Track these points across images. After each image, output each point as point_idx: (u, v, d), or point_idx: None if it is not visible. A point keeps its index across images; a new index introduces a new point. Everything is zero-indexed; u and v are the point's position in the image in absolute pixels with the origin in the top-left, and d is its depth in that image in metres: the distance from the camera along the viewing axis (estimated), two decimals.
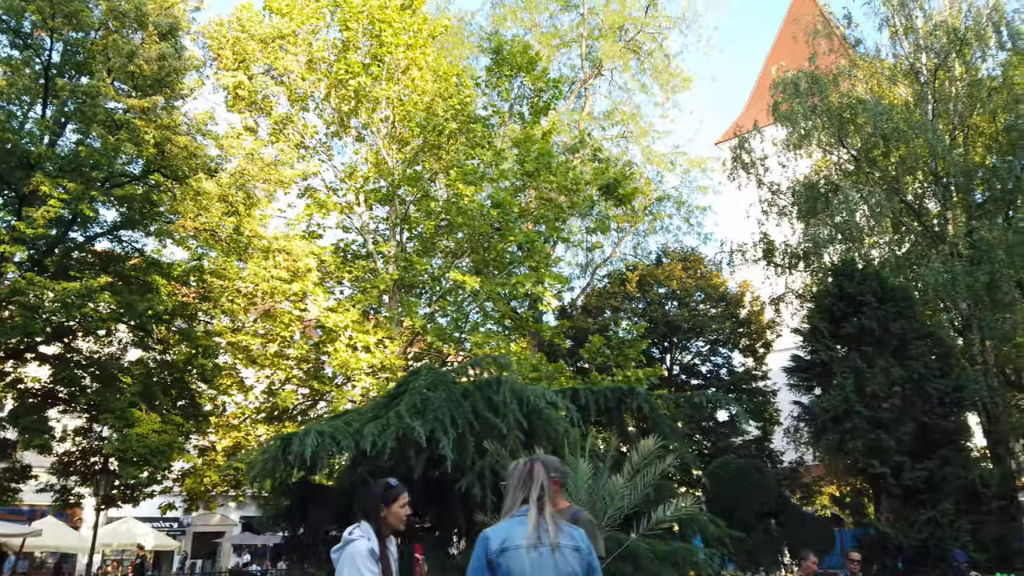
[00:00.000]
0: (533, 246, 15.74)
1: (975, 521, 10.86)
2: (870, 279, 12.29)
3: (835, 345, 12.30)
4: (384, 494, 3.45)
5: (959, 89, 17.77)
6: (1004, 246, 13.90)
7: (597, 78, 28.25)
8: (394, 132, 18.47)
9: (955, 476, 10.96)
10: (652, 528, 8.02)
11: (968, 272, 14.19)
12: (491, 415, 8.77)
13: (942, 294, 14.61)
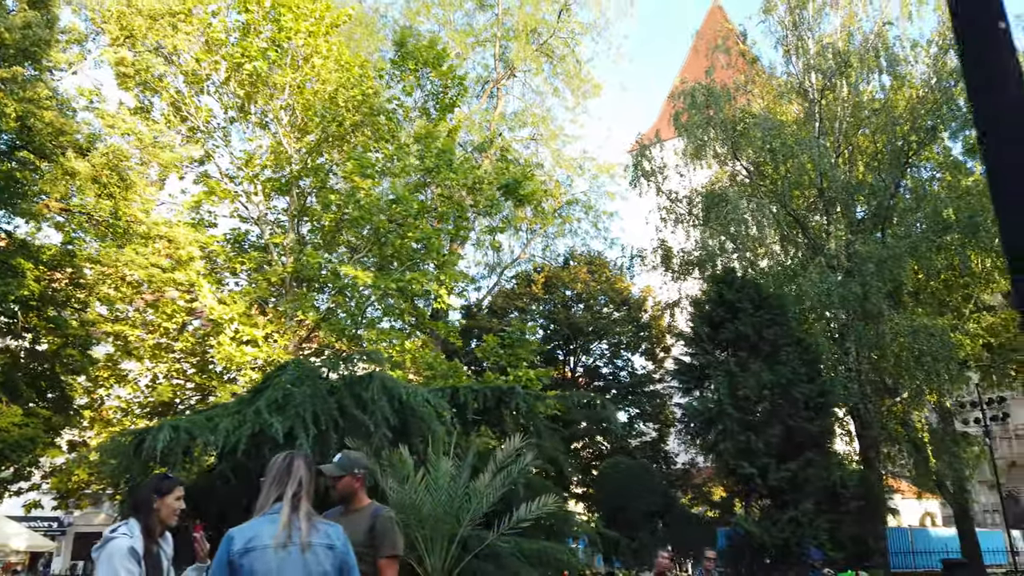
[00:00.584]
0: (430, 243, 15.57)
1: (834, 521, 11.41)
2: (748, 287, 12.75)
3: (713, 350, 12.70)
4: (158, 485, 3.26)
5: (844, 109, 18.71)
6: (875, 260, 14.71)
7: (510, 79, 28.36)
8: (294, 121, 17.95)
9: (817, 477, 11.49)
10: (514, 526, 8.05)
11: (842, 284, 14.94)
12: (359, 412, 8.61)
13: (817, 304, 15.33)
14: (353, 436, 8.33)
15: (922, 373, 15.70)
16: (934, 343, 15.05)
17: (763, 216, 17.09)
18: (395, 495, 7.52)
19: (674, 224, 20.70)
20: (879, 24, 18.16)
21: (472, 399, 10.58)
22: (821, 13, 19.22)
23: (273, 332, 16.49)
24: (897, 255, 14.72)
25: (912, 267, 16.99)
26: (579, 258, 29.28)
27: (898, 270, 14.64)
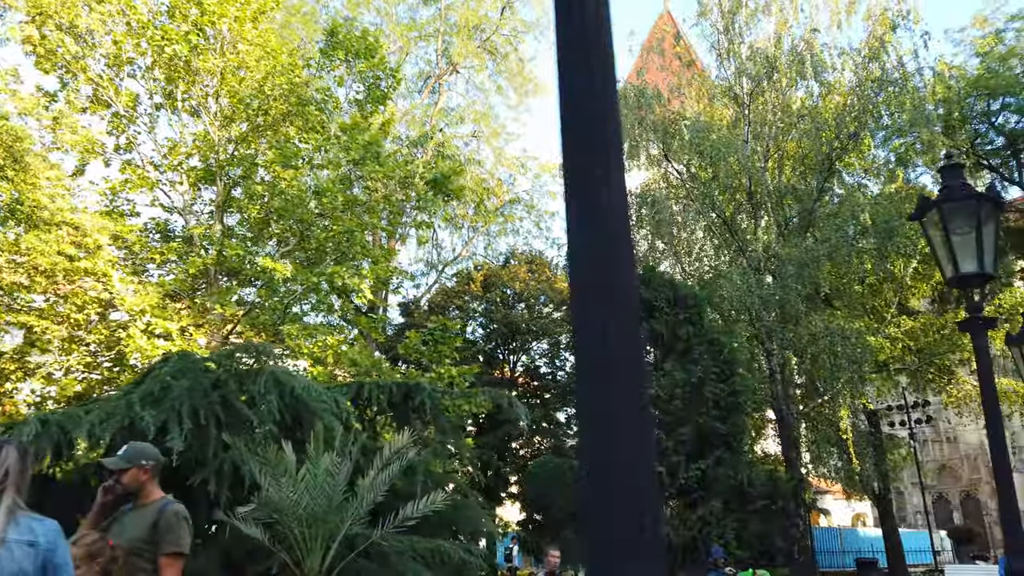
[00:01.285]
0: (354, 237, 15.25)
1: (741, 520, 11.47)
2: (665, 285, 12.77)
3: None
4: None
5: (774, 114, 18.97)
6: (794, 263, 14.93)
7: (453, 75, 28.13)
8: (220, 108, 17.43)
9: (725, 477, 11.53)
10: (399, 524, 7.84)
11: (759, 285, 15.12)
12: (244, 407, 8.30)
13: (738, 305, 15.50)
14: (235, 431, 8.03)
15: (841, 374, 15.98)
16: (849, 345, 15.33)
17: (691, 218, 17.20)
18: (272, 493, 7.26)
19: None
20: (808, 31, 18.47)
21: (378, 395, 10.35)
22: (754, 18, 19.46)
23: (190, 326, 15.98)
24: (815, 258, 14.96)
25: (834, 270, 17.27)
26: (519, 257, 29.21)
27: (816, 273, 14.88)
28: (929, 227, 4.83)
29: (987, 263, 4.61)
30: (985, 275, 4.64)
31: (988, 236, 4.67)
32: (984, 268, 4.57)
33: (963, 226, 4.65)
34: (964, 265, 4.63)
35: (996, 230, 4.76)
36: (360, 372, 16.44)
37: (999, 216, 4.82)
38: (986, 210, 4.67)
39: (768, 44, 18.80)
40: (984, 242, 4.63)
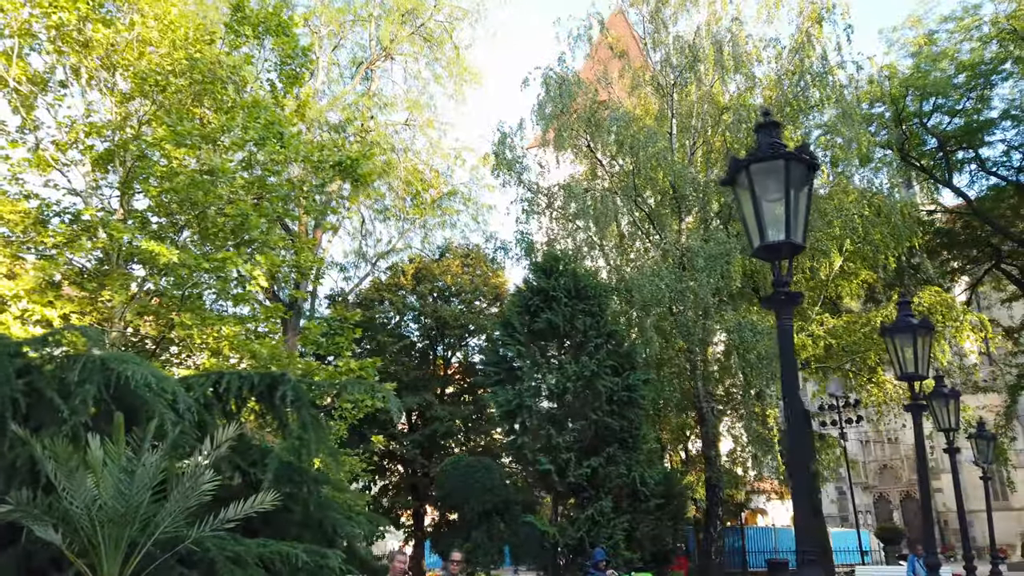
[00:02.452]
0: (250, 221, 14.39)
1: (633, 519, 10.97)
2: (565, 276, 12.21)
3: (528, 340, 12.10)
4: None
5: (701, 107, 18.58)
6: (704, 256, 14.52)
7: (388, 62, 27.28)
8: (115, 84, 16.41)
9: (617, 474, 11.01)
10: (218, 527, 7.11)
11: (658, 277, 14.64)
12: (58, 396, 7.51)
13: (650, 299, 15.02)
14: (44, 424, 7.22)
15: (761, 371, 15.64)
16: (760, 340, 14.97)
17: (616, 211, 16.73)
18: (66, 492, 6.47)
19: (536, 216, 20.16)
20: (733, 21, 18.12)
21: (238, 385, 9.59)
22: (683, 7, 19.06)
23: (74, 313, 14.97)
24: (726, 251, 14.57)
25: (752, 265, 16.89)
26: (455, 251, 28.52)
27: (726, 266, 14.49)
28: (739, 192, 4.28)
29: (795, 231, 4.08)
30: (793, 245, 4.10)
31: (798, 202, 4.14)
32: (791, 236, 4.04)
33: (772, 190, 4.11)
34: (770, 233, 4.09)
35: (809, 195, 4.23)
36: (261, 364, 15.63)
37: (812, 180, 4.29)
38: (797, 172, 4.13)
39: (696, 35, 18.40)
40: (793, 208, 4.09)
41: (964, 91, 24.17)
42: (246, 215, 14.41)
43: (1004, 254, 25.23)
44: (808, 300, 20.59)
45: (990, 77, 23.95)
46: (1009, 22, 22.63)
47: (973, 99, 24.61)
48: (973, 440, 15.48)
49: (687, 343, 16.53)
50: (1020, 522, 45.31)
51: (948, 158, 25.30)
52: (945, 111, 25.13)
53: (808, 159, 4.17)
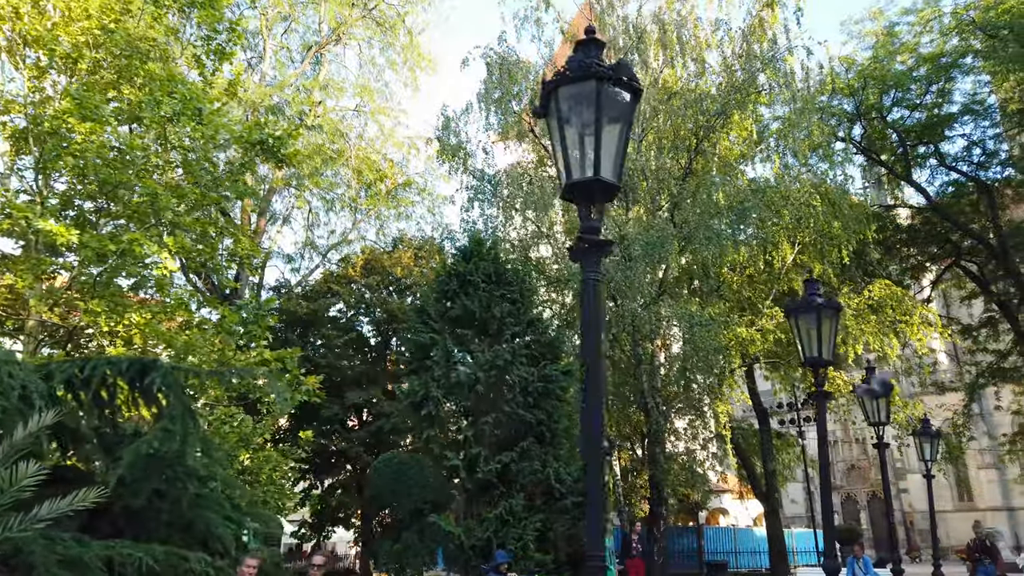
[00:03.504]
0: (160, 201, 13.51)
1: (546, 519, 10.25)
2: (485, 259, 11.47)
3: (443, 327, 11.35)
4: None
5: (647, 91, 17.93)
6: (641, 243, 13.88)
7: (339, 45, 26.44)
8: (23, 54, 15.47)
9: (530, 471, 10.29)
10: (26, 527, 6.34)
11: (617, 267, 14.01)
12: None
13: None
14: None
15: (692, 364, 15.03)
16: (704, 334, 14.36)
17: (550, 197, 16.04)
18: None
19: (480, 204, 19.42)
20: (684, 4, 17.51)
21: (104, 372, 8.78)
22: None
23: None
24: (664, 238, 13.93)
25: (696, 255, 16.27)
26: (408, 242, 27.71)
27: (664, 255, 13.86)
28: (549, 123, 3.57)
29: (607, 168, 3.36)
30: (604, 184, 3.39)
31: (614, 133, 3.43)
32: (602, 174, 3.32)
33: (584, 118, 3.39)
34: (579, 171, 3.38)
35: (628, 125, 3.52)
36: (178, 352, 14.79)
37: (634, 108, 3.59)
38: (612, 97, 3.42)
39: (636, 14, 17.76)
40: (606, 139, 3.38)
41: (924, 85, 23.77)
42: (155, 195, 13.53)
43: (964, 251, 24.88)
44: (760, 294, 20.07)
45: (950, 71, 23.57)
46: (969, 12, 22.24)
47: (934, 93, 24.23)
48: (917, 438, 14.97)
49: (629, 335, 15.90)
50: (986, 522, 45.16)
51: (908, 153, 24.90)
52: (906, 105, 24.73)
53: (627, 81, 3.45)
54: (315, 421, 23.99)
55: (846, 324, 16.77)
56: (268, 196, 25.22)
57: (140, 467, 8.41)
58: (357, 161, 26.46)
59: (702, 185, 15.63)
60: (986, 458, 45.30)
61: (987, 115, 24.03)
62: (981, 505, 49.66)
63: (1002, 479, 46.21)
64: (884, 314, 16.92)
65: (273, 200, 26.10)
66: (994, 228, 22.93)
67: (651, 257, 13.93)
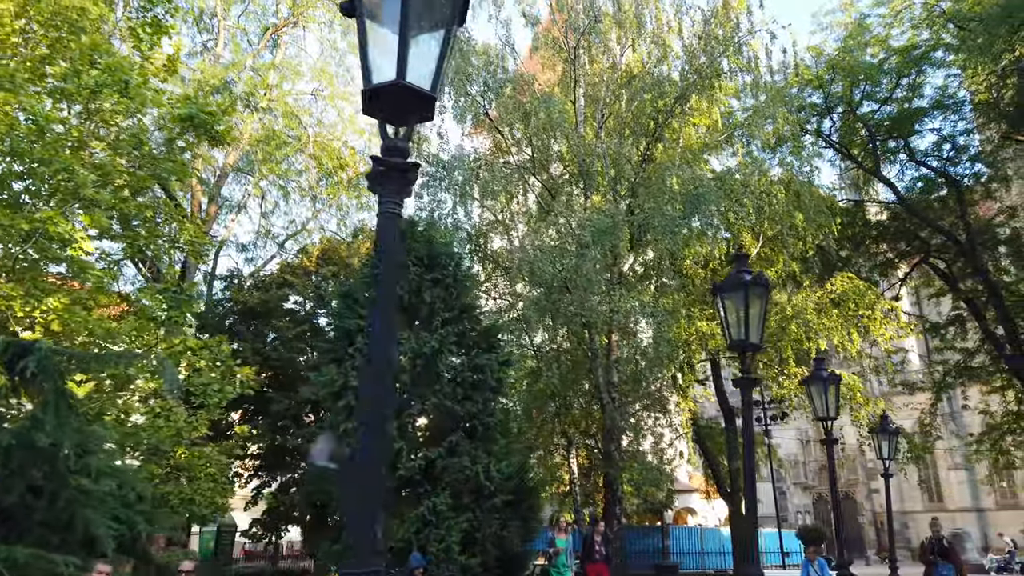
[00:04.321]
0: (72, 176, 12.61)
1: (474, 519, 9.53)
2: (419, 243, 10.73)
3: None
4: None
5: (608, 74, 17.29)
6: (592, 229, 13.21)
7: (297, 28, 25.53)
8: None
9: (458, 467, 9.56)
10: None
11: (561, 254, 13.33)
12: None
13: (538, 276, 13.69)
14: None
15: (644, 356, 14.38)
16: (656, 325, 13.70)
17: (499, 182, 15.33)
18: None
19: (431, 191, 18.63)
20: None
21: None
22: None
23: None
24: (616, 224, 13.26)
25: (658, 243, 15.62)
26: (368, 233, 26.85)
27: (615, 241, 13.18)
28: (358, 24, 2.83)
29: (420, 74, 2.64)
30: (416, 93, 2.67)
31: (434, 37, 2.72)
32: (404, 78, 2.60)
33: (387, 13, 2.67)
34: (379, 73, 2.65)
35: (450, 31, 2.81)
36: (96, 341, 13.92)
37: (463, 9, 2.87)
38: None
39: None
40: (423, 42, 2.66)
41: (895, 78, 23.33)
42: (71, 170, 12.63)
43: (932, 249, 24.46)
44: None
45: (921, 64, 23.13)
46: (940, 4, 21.81)
47: (904, 87, 23.81)
48: (875, 435, 14.42)
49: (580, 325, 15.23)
50: (955, 523, 45.12)
51: (879, 147, 24.45)
52: (876, 99, 24.29)
53: None
54: (267, 416, 23.11)
55: (808, 319, 16.21)
56: (219, 181, 24.31)
57: (13, 461, 7.61)
58: (316, 148, 25.61)
59: (658, 172, 14.97)
60: (956, 459, 45.22)
61: (957, 109, 23.65)
62: (951, 506, 49.63)
63: (971, 479, 46.17)
64: (846, 308, 16.38)
65: (225, 186, 25.18)
66: (963, 225, 22.53)
67: (602, 244, 13.24)
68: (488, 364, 9.96)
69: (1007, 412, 24.26)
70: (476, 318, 10.74)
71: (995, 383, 24.19)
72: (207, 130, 14.46)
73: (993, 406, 24.94)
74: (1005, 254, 24.12)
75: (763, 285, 5.86)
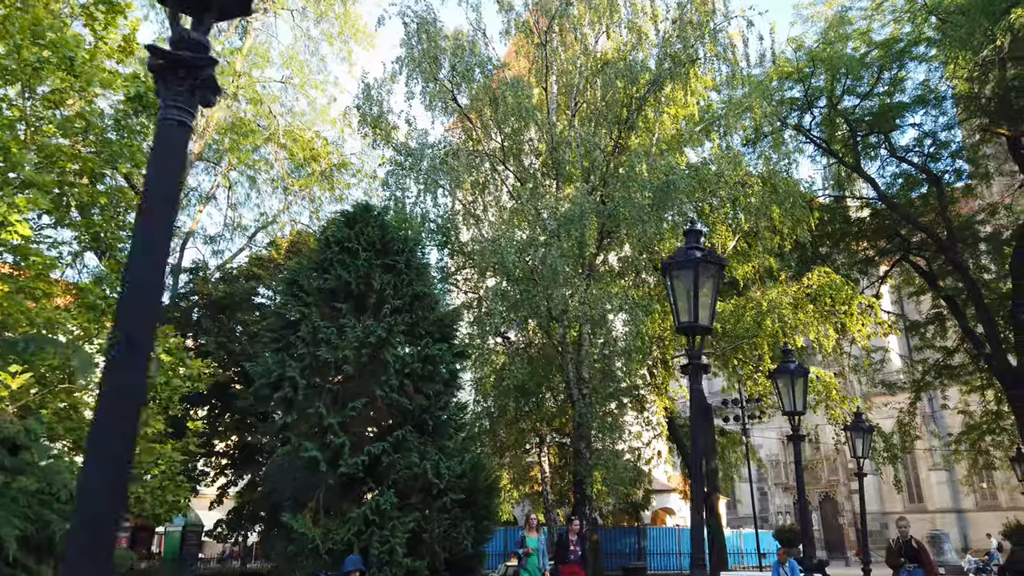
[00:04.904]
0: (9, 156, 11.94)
1: (424, 519, 8.97)
2: (371, 227, 10.14)
3: (319, 300, 10.01)
4: None
5: (583, 59, 16.77)
6: (558, 219, 12.68)
7: (268, 14, 24.81)
8: None
9: (405, 464, 8.99)
10: None
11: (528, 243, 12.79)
12: None
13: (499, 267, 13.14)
14: None
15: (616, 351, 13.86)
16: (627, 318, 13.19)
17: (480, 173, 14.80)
18: None
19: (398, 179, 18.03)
20: None
21: None
22: None
23: None
24: (583, 212, 12.73)
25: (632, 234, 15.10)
26: None
27: (582, 229, 12.65)
28: None
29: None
30: None
31: None
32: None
33: None
34: None
35: None
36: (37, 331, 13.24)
37: None
38: None
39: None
40: None
41: (876, 71, 22.97)
42: (7, 149, 11.96)
43: (913, 246, 24.13)
44: None
45: (903, 58, 22.78)
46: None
47: (886, 82, 23.47)
48: (849, 433, 13.98)
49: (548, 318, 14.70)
50: (934, 524, 45.00)
51: (860, 143, 24.09)
52: (857, 94, 23.93)
53: None
54: (234, 413, 22.48)
55: (783, 314, 15.76)
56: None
57: None
58: (287, 138, 24.95)
59: (630, 161, 14.46)
60: (936, 459, 45.12)
61: (939, 105, 23.34)
62: (931, 507, 49.60)
63: (951, 480, 46.11)
64: (823, 303, 15.94)
65: (192, 175, 24.43)
66: (943, 221, 22.20)
67: (569, 233, 12.71)
68: (440, 355, 9.39)
69: (986, 412, 23.96)
70: (430, 306, 10.16)
71: (975, 382, 23.89)
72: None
73: (973, 406, 24.66)
74: (985, 252, 23.83)
75: (716, 263, 5.34)
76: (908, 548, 10.58)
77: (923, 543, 10.70)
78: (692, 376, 5.44)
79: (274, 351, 9.67)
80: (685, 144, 17.61)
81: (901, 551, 10.53)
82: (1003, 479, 41.90)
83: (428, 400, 9.44)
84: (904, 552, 10.61)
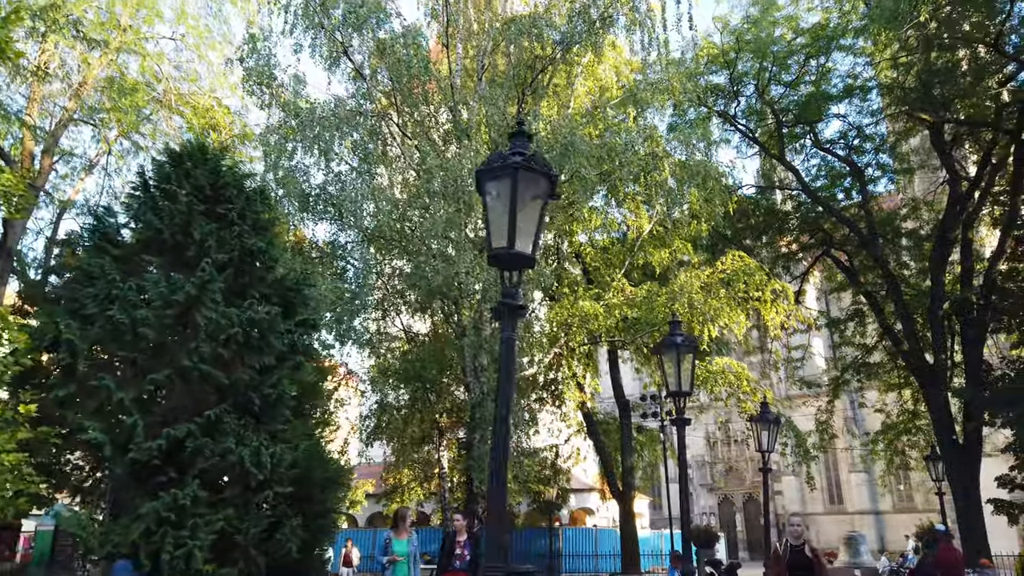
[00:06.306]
0: None
1: (239, 517, 7.37)
2: (201, 171, 8.47)
3: (129, 254, 8.30)
4: None
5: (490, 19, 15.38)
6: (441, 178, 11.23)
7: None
8: None
9: (218, 451, 7.38)
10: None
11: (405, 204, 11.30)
12: None
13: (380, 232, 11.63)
14: None
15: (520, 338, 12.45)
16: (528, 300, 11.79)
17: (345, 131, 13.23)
18: None
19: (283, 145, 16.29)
20: None
21: None
22: None
23: None
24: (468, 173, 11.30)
25: None
26: None
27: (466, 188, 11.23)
28: None
29: None
30: None
31: None
32: None
33: None
34: None
35: None
36: None
37: None
38: None
39: None
40: None
41: (804, 59, 22.30)
42: None
43: (835, 241, 23.57)
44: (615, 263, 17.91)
45: (830, 46, 22.16)
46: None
47: (814, 71, 22.84)
48: (753, 424, 12.95)
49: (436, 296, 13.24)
50: (853, 525, 45.29)
51: (786, 133, 23.40)
52: (783, 83, 23.25)
53: None
54: None
55: (692, 299, 14.67)
56: (57, 131, 21.26)
57: None
58: (179, 102, 22.82)
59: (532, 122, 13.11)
60: (856, 461, 45.45)
61: (865, 97, 22.86)
62: (851, 508, 50.05)
63: (870, 482, 46.49)
64: (736, 288, 14.94)
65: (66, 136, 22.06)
66: (864, 215, 21.66)
67: (454, 196, 11.26)
68: (269, 320, 7.79)
69: (903, 411, 23.59)
70: (269, 266, 8.55)
71: (892, 380, 23.48)
72: None
73: (890, 405, 24.27)
74: (906, 248, 23.46)
75: (545, 175, 3.94)
76: (797, 556, 7.69)
77: (819, 552, 8.15)
78: (505, 320, 4.02)
79: (72, 312, 7.91)
80: (599, 119, 16.39)
81: (789, 561, 7.65)
82: (919, 480, 42.29)
83: (254, 373, 7.82)
84: (791, 562, 7.70)
